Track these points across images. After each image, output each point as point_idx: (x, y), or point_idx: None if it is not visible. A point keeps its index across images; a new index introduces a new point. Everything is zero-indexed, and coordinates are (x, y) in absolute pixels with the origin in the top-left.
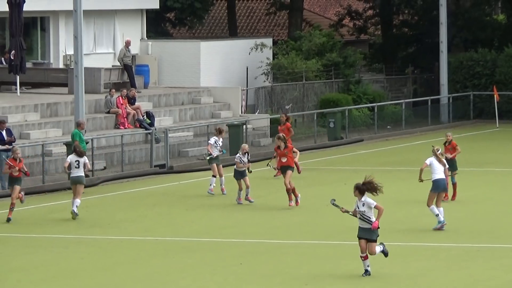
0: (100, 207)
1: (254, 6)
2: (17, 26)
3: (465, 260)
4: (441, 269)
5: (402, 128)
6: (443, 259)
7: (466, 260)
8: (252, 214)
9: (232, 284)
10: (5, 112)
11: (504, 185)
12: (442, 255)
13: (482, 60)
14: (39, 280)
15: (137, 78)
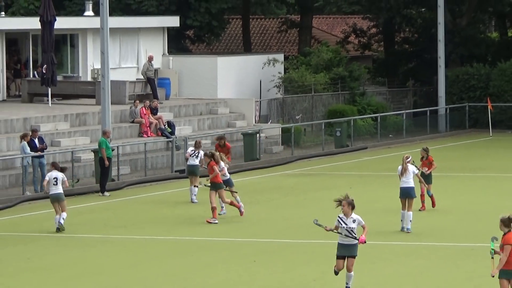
0: (125, 209)
1: (267, 24)
2: (48, 43)
3: (461, 259)
4: (438, 267)
5: (403, 137)
6: (441, 258)
7: (462, 258)
8: (264, 216)
9: (246, 280)
10: (37, 122)
11: (497, 189)
12: (439, 254)
13: (477, 74)
14: (67, 277)
15: (159, 90)
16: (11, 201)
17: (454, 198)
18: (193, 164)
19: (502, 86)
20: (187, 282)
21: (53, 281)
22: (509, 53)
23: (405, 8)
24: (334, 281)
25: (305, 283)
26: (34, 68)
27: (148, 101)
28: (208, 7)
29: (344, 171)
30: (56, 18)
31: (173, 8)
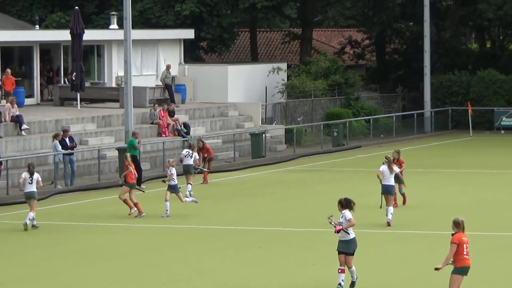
0: (145, 200)
1: (272, 37)
2: (78, 53)
3: (443, 245)
4: (423, 252)
5: (393, 137)
6: (426, 244)
7: (445, 244)
8: (269, 207)
9: (253, 264)
10: (68, 123)
11: (476, 183)
12: (425, 241)
13: (459, 81)
14: (95, 260)
15: (176, 95)
16: (44, 194)
17: (437, 191)
18: (187, 164)
19: (481, 92)
20: (200, 265)
21: (83, 263)
22: (487, 63)
23: (395, 22)
24: (332, 264)
25: (306, 266)
26: (65, 76)
27: (166, 104)
28: (220, 21)
29: (340, 167)
30: (85, 31)
31: (188, 22)
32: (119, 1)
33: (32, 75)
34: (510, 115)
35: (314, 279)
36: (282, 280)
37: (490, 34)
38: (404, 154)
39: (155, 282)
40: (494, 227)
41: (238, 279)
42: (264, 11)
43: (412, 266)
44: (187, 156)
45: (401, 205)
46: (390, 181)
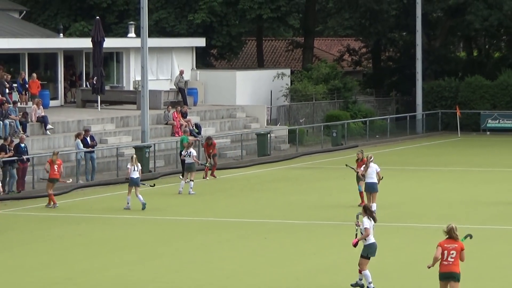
0: (160, 195)
1: (277, 45)
2: (98, 59)
3: (434, 237)
4: (416, 244)
5: (387, 137)
6: (418, 236)
7: (435, 237)
8: (273, 201)
9: (259, 253)
10: (89, 123)
11: (464, 180)
12: (417, 233)
13: (448, 86)
14: (113, 249)
15: (188, 98)
16: (67, 188)
17: (428, 188)
18: (189, 162)
19: (468, 96)
20: (211, 254)
21: (101, 253)
22: (474, 70)
23: (389, 32)
24: (331, 254)
25: (307, 255)
26: (87, 80)
27: (179, 106)
28: (229, 31)
29: (339, 165)
30: (105, 39)
31: (200, 31)
32: (137, 12)
33: (56, 79)
34: (495, 117)
35: (314, 267)
36: (285, 268)
37: (477, 43)
38: (397, 153)
39: (168, 269)
40: (481, 220)
41: (245, 266)
42: (270, 22)
43: (404, 256)
44: (186, 156)
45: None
46: (371, 178)
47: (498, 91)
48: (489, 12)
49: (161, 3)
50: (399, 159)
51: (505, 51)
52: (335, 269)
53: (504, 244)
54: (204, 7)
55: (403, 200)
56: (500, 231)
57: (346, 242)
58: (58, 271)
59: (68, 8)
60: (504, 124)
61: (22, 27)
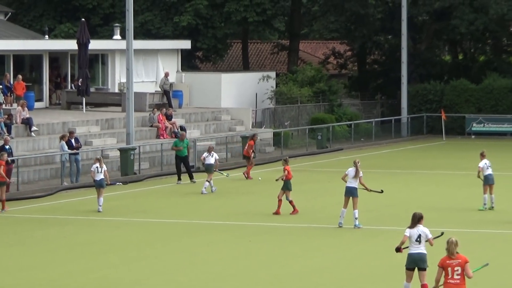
0: (145, 197)
1: (262, 47)
2: (84, 60)
3: None
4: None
5: (372, 140)
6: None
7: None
8: (258, 204)
9: (244, 256)
10: (74, 125)
11: (449, 183)
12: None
13: (433, 90)
14: (98, 252)
15: (173, 100)
16: (51, 190)
17: (413, 191)
18: (208, 163)
19: (453, 100)
20: (195, 257)
21: (86, 255)
22: (459, 73)
23: (375, 35)
24: (316, 256)
25: (292, 259)
26: (72, 81)
27: (164, 109)
28: (215, 33)
29: (324, 168)
30: (90, 41)
31: (185, 33)
32: (122, 14)
33: (41, 81)
34: (480, 121)
35: (300, 270)
36: (270, 271)
37: (462, 47)
38: (382, 157)
39: (152, 271)
40: (466, 224)
41: (230, 269)
42: (255, 24)
43: (389, 260)
44: (207, 157)
45: (322, 209)
46: (353, 183)
47: (483, 95)
48: (475, 16)
49: (146, 5)
50: (384, 162)
51: (490, 55)
52: (320, 271)
53: (489, 248)
54: (190, 10)
55: (388, 203)
56: (485, 234)
57: (331, 245)
58: (43, 273)
59: (53, 9)
60: (489, 127)
61: (7, 28)
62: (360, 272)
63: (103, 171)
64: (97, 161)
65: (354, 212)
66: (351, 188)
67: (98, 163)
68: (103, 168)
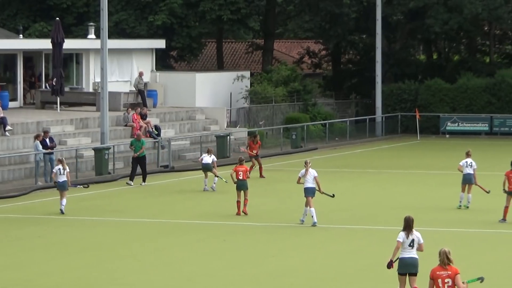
0: (119, 197)
1: (237, 47)
2: (58, 60)
3: (393, 239)
4: (374, 246)
5: (347, 140)
6: (377, 239)
7: (393, 239)
8: (232, 203)
9: (218, 255)
10: (48, 124)
11: (423, 183)
12: (375, 236)
13: (408, 89)
14: (74, 251)
15: (148, 100)
16: (25, 190)
17: (387, 191)
18: (206, 163)
19: (428, 99)
20: (170, 256)
21: (61, 255)
22: (434, 73)
23: (349, 35)
24: (291, 256)
25: (266, 258)
26: (46, 81)
27: (139, 108)
28: (189, 32)
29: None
30: (65, 40)
31: (160, 33)
32: (97, 13)
33: (15, 80)
34: (455, 120)
35: (274, 269)
36: (244, 271)
37: (436, 46)
38: (356, 156)
39: (127, 271)
40: (440, 223)
41: (205, 269)
42: (230, 23)
43: (363, 259)
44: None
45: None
46: (310, 183)
47: (457, 94)
48: (449, 16)
49: (121, 5)
50: (358, 161)
51: (465, 54)
52: (295, 271)
53: (463, 247)
54: (165, 9)
55: (362, 202)
56: (458, 233)
57: (305, 244)
58: (17, 272)
59: (27, 8)
60: (463, 127)
61: None
62: (334, 271)
63: (65, 173)
64: (59, 163)
65: (311, 210)
66: (309, 188)
67: (61, 165)
68: (65, 170)
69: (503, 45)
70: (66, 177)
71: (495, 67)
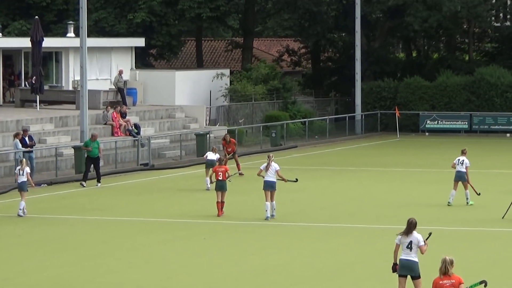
0: (99, 195)
1: (216, 45)
2: (37, 58)
3: (373, 238)
4: (354, 244)
5: (326, 138)
6: (356, 237)
7: (373, 237)
8: (212, 202)
9: (198, 253)
10: (28, 123)
11: (403, 180)
12: (355, 234)
13: (387, 87)
14: (52, 250)
15: (128, 98)
16: (5, 188)
17: (367, 188)
18: (211, 159)
19: (407, 97)
20: (151, 255)
21: (40, 253)
22: (413, 70)
23: (329, 33)
24: (270, 255)
25: (246, 256)
26: (25, 79)
27: (118, 106)
28: (169, 30)
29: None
30: (44, 39)
31: (140, 31)
32: (76, 11)
33: None
34: (434, 118)
35: (254, 268)
36: (225, 269)
37: (416, 44)
38: (336, 154)
39: (107, 270)
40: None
41: (185, 267)
42: (209, 21)
43: (343, 257)
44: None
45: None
46: (271, 177)
47: (437, 92)
48: (428, 14)
49: (100, 3)
50: (338, 159)
51: (444, 52)
52: (275, 269)
53: (441, 245)
54: (144, 7)
55: (342, 200)
56: (438, 231)
57: (286, 243)
58: None
59: (6, 7)
60: (442, 125)
61: None
62: (314, 269)
63: (25, 174)
64: (20, 164)
65: (272, 203)
66: (271, 182)
67: (20, 166)
68: (25, 171)
69: (482, 43)
70: (26, 177)
71: (474, 65)
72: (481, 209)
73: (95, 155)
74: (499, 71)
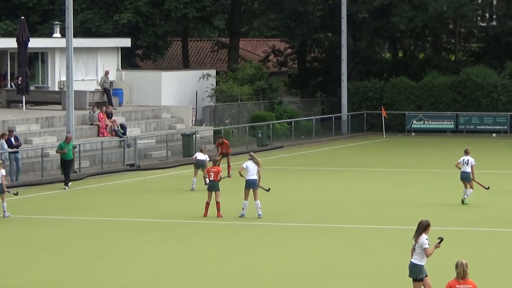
0: (85, 195)
1: (202, 45)
2: (23, 59)
3: (359, 237)
4: (341, 244)
5: (312, 138)
6: (344, 237)
7: (360, 237)
8: (198, 203)
9: (184, 253)
10: (13, 123)
11: (389, 180)
12: (343, 234)
13: (373, 87)
14: (38, 250)
15: (114, 98)
16: None
17: (353, 189)
18: (201, 159)
19: (393, 97)
20: (137, 256)
21: (26, 254)
22: (399, 71)
23: (315, 33)
24: (257, 255)
25: (232, 256)
26: (11, 80)
27: (104, 107)
28: (155, 30)
29: (264, 165)
30: (30, 39)
31: (126, 31)
32: (62, 12)
33: None
34: (420, 118)
35: (240, 268)
36: (211, 269)
37: (402, 44)
38: (322, 154)
39: (93, 271)
40: (406, 221)
41: (171, 267)
42: (195, 22)
43: (330, 257)
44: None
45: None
46: (252, 175)
47: (423, 92)
48: (414, 14)
49: (86, 4)
50: (324, 160)
51: (430, 52)
52: (261, 270)
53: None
54: (130, 7)
55: (328, 200)
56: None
57: (271, 243)
58: None
59: None
60: (428, 125)
61: None
62: (300, 269)
63: (0, 176)
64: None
65: (256, 202)
66: (253, 180)
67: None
68: (1, 173)
69: (468, 43)
70: (1, 180)
71: (460, 65)
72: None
73: (69, 157)
74: (485, 71)
